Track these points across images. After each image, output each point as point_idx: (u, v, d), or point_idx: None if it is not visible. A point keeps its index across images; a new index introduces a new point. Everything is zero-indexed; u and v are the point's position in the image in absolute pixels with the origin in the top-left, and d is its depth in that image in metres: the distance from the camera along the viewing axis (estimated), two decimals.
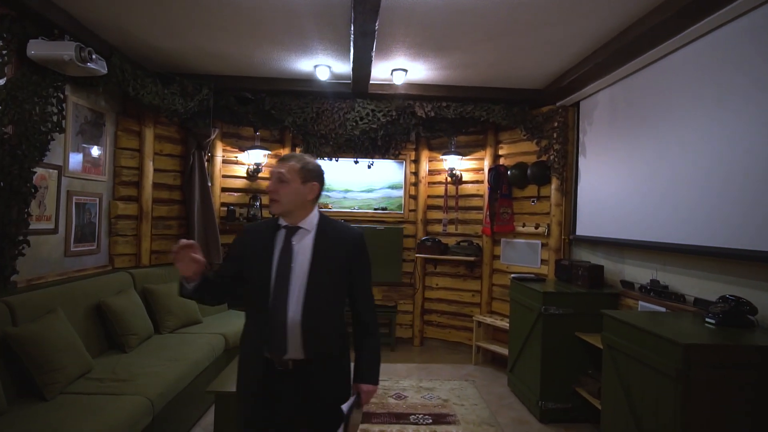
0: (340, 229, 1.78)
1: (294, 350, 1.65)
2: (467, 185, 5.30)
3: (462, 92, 4.61)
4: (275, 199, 1.68)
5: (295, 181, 1.68)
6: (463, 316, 5.24)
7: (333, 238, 1.73)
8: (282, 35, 3.42)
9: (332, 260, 1.70)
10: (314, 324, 1.65)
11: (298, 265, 1.67)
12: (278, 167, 1.70)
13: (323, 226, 1.75)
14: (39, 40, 2.98)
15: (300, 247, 1.70)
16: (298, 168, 1.69)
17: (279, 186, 1.68)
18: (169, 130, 4.56)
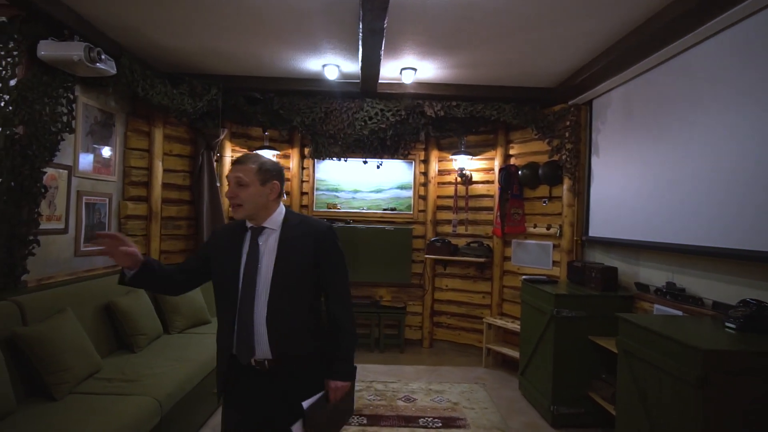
0: (307, 224, 1.75)
1: (262, 351, 1.65)
2: (477, 185, 5.24)
3: (472, 91, 4.56)
4: (237, 204, 1.66)
5: (254, 184, 1.66)
6: (473, 318, 5.18)
7: (298, 235, 1.71)
8: (290, 34, 3.40)
9: (297, 257, 1.69)
10: (280, 324, 1.64)
11: (264, 266, 1.67)
12: (235, 171, 1.67)
13: (289, 223, 1.73)
14: (49, 41, 2.98)
15: (266, 247, 1.69)
16: (255, 169, 1.67)
17: (238, 190, 1.65)
18: (178, 131, 4.56)
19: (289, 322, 1.66)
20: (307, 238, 1.70)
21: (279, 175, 1.74)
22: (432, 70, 4.14)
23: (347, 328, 1.76)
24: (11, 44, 2.93)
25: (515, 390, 4.10)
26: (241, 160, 1.69)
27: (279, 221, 1.73)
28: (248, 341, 1.64)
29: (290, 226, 1.72)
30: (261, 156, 1.74)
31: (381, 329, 5.14)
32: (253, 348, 1.65)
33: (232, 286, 1.67)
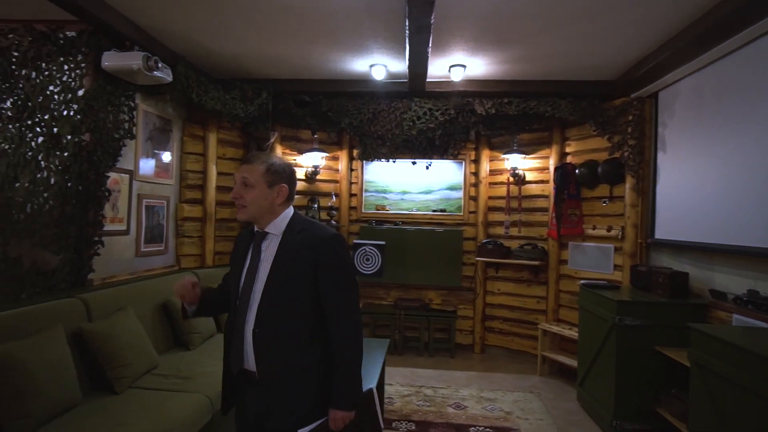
0: (310, 231, 1.60)
1: (250, 362, 1.57)
2: (531, 185, 5.02)
3: (525, 87, 4.37)
4: (241, 205, 1.58)
5: (260, 186, 1.57)
6: (527, 323, 4.96)
7: (299, 242, 1.58)
8: (337, 35, 3.39)
9: (293, 268, 1.55)
10: (266, 337, 1.54)
11: (261, 274, 1.59)
12: (241, 171, 1.59)
13: (292, 229, 1.61)
14: (112, 52, 3.15)
15: (266, 254, 1.61)
16: (263, 171, 1.58)
17: (244, 191, 1.57)
18: (231, 135, 4.70)
19: (276, 336, 1.55)
20: (306, 246, 1.56)
21: (288, 177, 1.64)
22: (482, 67, 4.00)
23: (346, 354, 1.57)
24: (79, 57, 3.12)
25: (573, 401, 3.87)
26: (249, 160, 1.61)
27: (282, 227, 1.62)
28: (238, 351, 1.58)
29: (293, 232, 1.60)
30: (272, 156, 1.65)
31: (431, 333, 5.04)
32: (242, 359, 1.58)
33: (234, 294, 1.64)
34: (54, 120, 3.04)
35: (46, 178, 3.00)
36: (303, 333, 1.57)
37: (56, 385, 2.24)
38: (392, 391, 3.95)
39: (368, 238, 5.19)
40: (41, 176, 2.99)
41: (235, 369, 1.61)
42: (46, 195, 2.98)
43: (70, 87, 3.09)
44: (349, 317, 1.59)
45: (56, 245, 2.98)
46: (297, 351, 1.56)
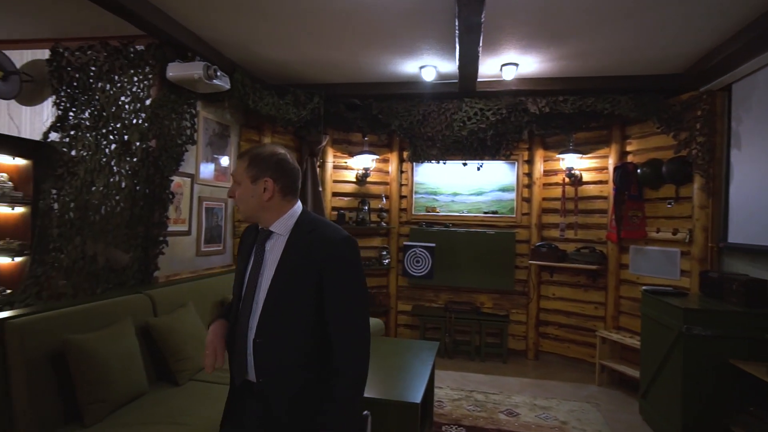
0: (319, 233, 1.44)
1: (252, 372, 1.44)
2: (588, 186, 4.81)
3: (581, 84, 4.20)
4: (236, 204, 1.54)
5: (245, 182, 1.44)
6: (585, 330, 4.75)
7: (306, 244, 1.42)
8: (388, 38, 3.41)
9: (299, 272, 1.41)
10: (268, 346, 1.40)
11: (266, 276, 1.44)
12: (235, 167, 1.50)
13: (301, 229, 1.46)
14: (175, 63, 3.34)
15: (271, 255, 1.46)
16: (245, 166, 1.44)
17: (234, 188, 1.48)
18: (284, 139, 4.85)
19: (278, 346, 1.41)
20: (314, 249, 1.41)
21: (275, 170, 1.44)
22: (535, 64, 3.89)
23: (349, 371, 1.39)
24: (147, 69, 3.34)
25: (635, 414, 3.65)
26: (240, 155, 1.50)
27: (289, 226, 1.46)
28: (241, 361, 1.44)
29: (301, 232, 1.45)
30: (260, 148, 1.50)
31: (482, 337, 4.95)
32: (245, 369, 1.44)
33: (236, 298, 1.51)
34: (125, 128, 3.27)
35: (117, 182, 3.23)
36: (307, 344, 1.42)
37: (127, 375, 2.40)
38: (442, 395, 3.91)
39: (418, 240, 5.18)
40: (113, 180, 3.23)
41: (239, 380, 1.47)
42: (118, 198, 3.21)
43: (138, 97, 3.31)
44: (356, 329, 1.43)
45: (126, 244, 3.20)
46: (298, 361, 1.41)
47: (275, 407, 1.41)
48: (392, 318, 5.37)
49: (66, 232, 3.19)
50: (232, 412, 1.52)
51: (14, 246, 3.24)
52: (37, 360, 2.16)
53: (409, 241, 5.24)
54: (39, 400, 2.14)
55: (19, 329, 2.12)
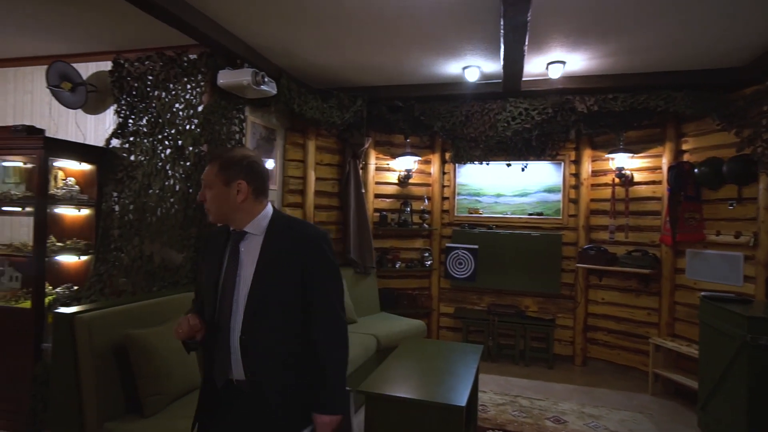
0: (295, 230, 1.51)
1: (238, 371, 1.47)
2: (640, 187, 4.61)
3: (632, 81, 4.04)
4: (207, 208, 1.50)
5: (216, 185, 1.46)
6: (636, 336, 4.55)
7: (285, 242, 1.48)
8: (431, 40, 3.41)
9: (281, 269, 1.46)
10: (255, 345, 1.44)
11: (244, 276, 1.47)
12: (205, 172, 1.51)
13: (276, 228, 1.50)
14: (226, 70, 3.47)
15: (247, 255, 1.49)
16: (216, 170, 1.47)
17: (205, 191, 1.49)
18: (327, 141, 4.93)
19: (265, 341, 1.45)
20: (293, 247, 1.48)
21: (246, 172, 1.48)
22: (582, 62, 3.77)
23: (332, 355, 1.49)
24: (199, 76, 3.49)
25: (693, 427, 3.47)
26: (209, 159, 1.52)
27: (264, 226, 1.50)
28: (224, 362, 1.48)
29: (276, 231, 1.50)
30: (231, 151, 1.53)
31: (527, 341, 4.84)
32: (229, 368, 1.47)
33: (211, 298, 1.51)
34: (179, 134, 3.43)
35: (172, 185, 3.39)
36: (291, 337, 1.48)
37: (182, 369, 2.52)
38: (486, 399, 3.86)
39: (461, 242, 5.13)
40: (168, 183, 3.39)
41: (221, 381, 1.49)
42: (172, 200, 3.37)
43: (191, 104, 3.47)
44: (338, 319, 1.52)
45: (180, 245, 3.35)
46: (286, 356, 1.48)
47: (270, 401, 1.45)
48: (434, 320, 5.34)
49: (126, 232, 3.39)
50: (212, 412, 1.54)
51: (80, 245, 3.47)
52: (102, 352, 2.30)
53: (451, 242, 5.20)
54: (104, 390, 2.28)
55: (87, 323, 2.27)
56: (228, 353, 1.47)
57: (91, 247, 3.46)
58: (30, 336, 3.05)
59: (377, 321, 4.50)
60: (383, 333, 4.09)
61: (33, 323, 3.06)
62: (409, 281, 5.36)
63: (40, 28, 3.31)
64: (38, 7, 3.00)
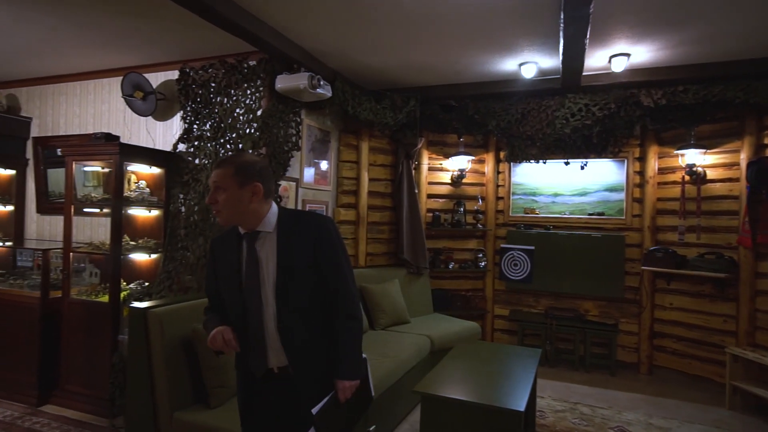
0: (303, 220, 1.64)
1: (276, 359, 1.59)
2: (714, 184, 4.29)
3: (705, 71, 3.78)
4: (217, 210, 1.55)
5: (232, 187, 1.53)
6: (710, 345, 4.24)
7: (296, 233, 1.60)
8: (486, 38, 3.35)
9: (300, 257, 1.58)
10: (293, 330, 1.57)
11: (267, 272, 1.57)
12: (213, 176, 1.56)
13: (285, 223, 1.61)
14: (283, 75, 3.58)
15: (265, 252, 1.59)
16: (232, 173, 1.54)
17: (217, 195, 1.54)
18: (380, 142, 4.96)
19: (301, 326, 1.59)
20: (305, 235, 1.60)
21: (260, 174, 1.58)
22: (649, 53, 3.57)
23: (349, 324, 1.63)
24: (258, 82, 3.62)
25: None
26: (219, 163, 1.58)
27: (273, 222, 1.61)
28: (261, 352, 1.58)
29: (286, 225, 1.61)
30: (242, 156, 1.61)
31: (587, 347, 4.64)
32: (266, 358, 1.59)
33: (236, 298, 1.60)
34: (239, 137, 3.58)
35: None
36: (317, 316, 1.62)
37: None
38: (543, 405, 3.73)
39: (516, 243, 5.00)
40: None
41: (260, 372, 1.61)
42: None
43: (251, 109, 3.60)
44: (352, 292, 1.65)
45: None
46: (317, 334, 1.62)
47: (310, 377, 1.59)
48: (488, 322, 5.24)
49: (191, 232, 3.57)
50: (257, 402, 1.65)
51: (150, 244, 3.69)
52: (172, 345, 2.44)
53: (506, 243, 5.08)
54: (174, 381, 2.42)
55: (159, 317, 2.42)
56: (264, 345, 1.58)
57: (160, 246, 3.68)
58: (108, 328, 3.29)
59: (430, 322, 4.48)
60: (437, 334, 4.06)
61: (110, 316, 3.30)
62: (462, 282, 5.28)
63: (115, 42, 3.56)
64: (114, 23, 3.22)
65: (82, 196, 3.66)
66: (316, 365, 1.62)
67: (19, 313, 3.60)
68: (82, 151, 3.60)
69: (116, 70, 4.11)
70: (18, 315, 3.61)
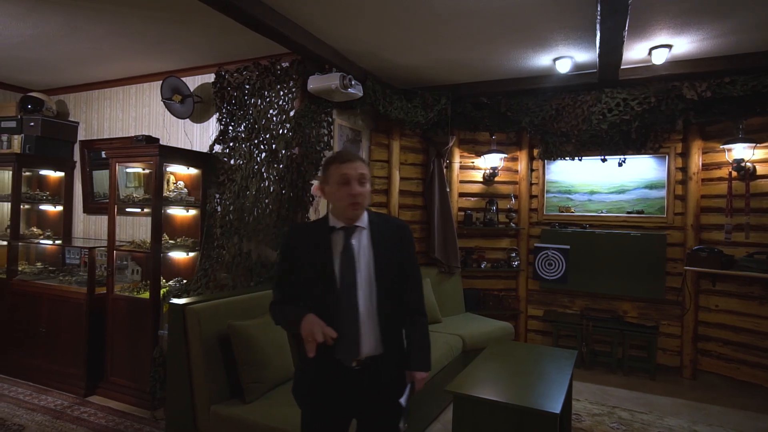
0: (389, 221, 1.81)
1: (369, 348, 1.64)
2: (763, 181, 4.07)
3: (754, 61, 3.59)
4: (358, 203, 1.63)
5: (369, 182, 1.69)
6: (761, 350, 4.02)
7: (385, 231, 1.73)
8: (519, 33, 3.29)
9: (390, 253, 1.70)
10: (388, 320, 1.67)
11: (363, 265, 1.66)
12: (357, 168, 1.64)
13: (374, 221, 1.74)
14: (315, 76, 3.62)
15: (360, 247, 1.68)
16: (367, 168, 1.69)
17: (363, 188, 1.65)
18: (411, 141, 4.95)
19: (393, 317, 1.70)
20: (393, 234, 1.74)
21: None
22: (692, 44, 3.41)
23: (422, 320, 1.79)
24: (291, 83, 3.68)
25: None
26: (353, 157, 1.67)
27: (366, 220, 1.72)
28: (354, 341, 1.62)
29: (376, 224, 1.73)
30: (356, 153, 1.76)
31: (625, 349, 4.49)
32: (359, 346, 1.62)
33: (327, 289, 1.63)
34: (272, 138, 3.64)
35: (267, 186, 3.61)
36: (401, 310, 1.75)
37: (279, 359, 2.67)
38: (580, 408, 3.64)
39: (550, 242, 4.89)
40: (264, 185, 3.61)
41: (350, 361, 1.63)
42: (267, 201, 3.59)
43: (284, 109, 3.66)
44: (421, 286, 1.83)
45: (274, 243, 3.55)
46: (399, 327, 1.77)
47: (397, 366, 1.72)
48: (522, 322, 5.15)
49: (227, 231, 3.66)
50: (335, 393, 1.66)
51: (188, 243, 3.81)
52: (209, 340, 2.51)
53: (540, 242, 4.97)
54: (211, 375, 2.49)
55: (197, 314, 2.49)
56: (357, 335, 1.63)
57: (197, 245, 3.79)
58: (149, 323, 3.42)
59: (462, 321, 4.44)
60: (469, 333, 4.02)
61: (151, 312, 3.43)
62: (494, 282, 5.21)
63: (155, 48, 3.69)
64: (154, 30, 3.34)
65: (125, 196, 3.82)
66: (400, 355, 1.74)
67: (68, 308, 3.79)
68: (125, 153, 3.75)
69: (156, 75, 4.26)
70: (67, 310, 3.80)
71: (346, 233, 1.67)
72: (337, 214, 1.69)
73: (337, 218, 1.69)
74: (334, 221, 1.70)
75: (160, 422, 3.16)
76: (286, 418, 2.26)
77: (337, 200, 1.65)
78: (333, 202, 1.69)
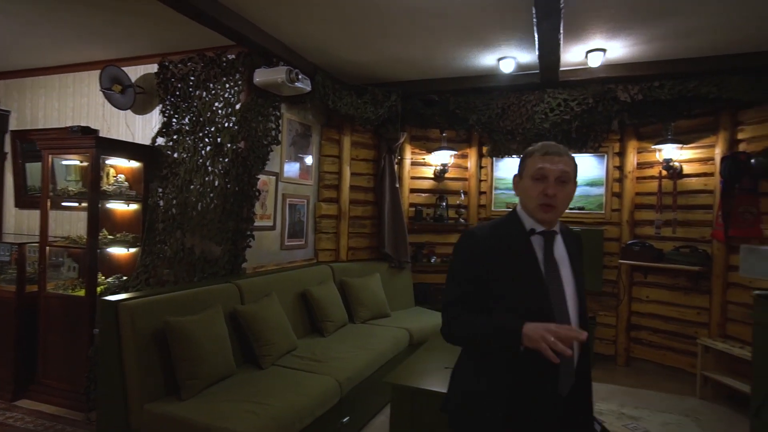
0: (566, 227, 1.55)
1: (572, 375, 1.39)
2: (689, 179, 4.35)
3: (681, 66, 3.82)
4: (552, 205, 1.35)
5: (573, 182, 1.38)
6: (685, 337, 4.32)
7: (569, 239, 1.50)
8: (463, 32, 3.37)
9: (579, 265, 1.48)
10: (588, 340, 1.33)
11: (564, 276, 1.40)
12: (556, 163, 1.35)
13: (562, 227, 1.51)
14: (262, 69, 3.57)
15: (559, 255, 1.42)
16: (573, 165, 1.39)
17: (560, 188, 1.36)
18: (363, 137, 4.97)
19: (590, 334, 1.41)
20: (575, 244, 1.51)
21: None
22: (624, 48, 3.60)
23: None
24: (237, 76, 3.61)
25: None
26: (555, 151, 1.37)
27: (558, 225, 1.47)
28: (571, 363, 1.37)
29: (563, 231, 1.50)
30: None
31: None
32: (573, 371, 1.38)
33: (540, 304, 1.35)
34: (218, 131, 3.57)
35: (211, 180, 3.54)
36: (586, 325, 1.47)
37: (218, 356, 2.64)
38: None
39: None
40: (208, 179, 3.54)
41: (566, 389, 1.37)
42: (212, 195, 3.52)
43: (230, 102, 3.60)
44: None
45: (218, 238, 3.49)
46: None
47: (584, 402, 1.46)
48: None
49: (169, 226, 3.57)
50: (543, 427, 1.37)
51: (129, 238, 3.69)
52: (144, 337, 2.45)
53: None
54: (145, 373, 2.43)
55: (131, 310, 2.43)
56: (573, 357, 1.35)
57: (139, 240, 3.67)
58: (85, 322, 3.29)
59: (411, 315, 4.52)
60: (416, 327, 4.10)
61: (87, 310, 3.30)
62: (444, 276, 5.30)
63: (94, 35, 3.54)
64: (93, 17, 3.20)
65: (60, 189, 3.65)
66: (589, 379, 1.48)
67: None
68: (59, 144, 3.58)
69: (95, 63, 4.08)
70: None
71: (546, 238, 1.41)
72: (529, 214, 1.43)
73: (531, 218, 1.43)
74: (530, 222, 1.42)
75: (93, 424, 3.06)
76: (222, 414, 2.24)
77: (528, 198, 1.40)
78: (523, 199, 1.44)
